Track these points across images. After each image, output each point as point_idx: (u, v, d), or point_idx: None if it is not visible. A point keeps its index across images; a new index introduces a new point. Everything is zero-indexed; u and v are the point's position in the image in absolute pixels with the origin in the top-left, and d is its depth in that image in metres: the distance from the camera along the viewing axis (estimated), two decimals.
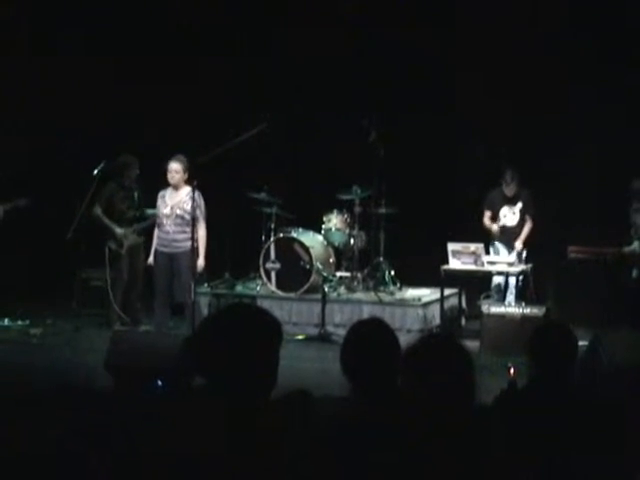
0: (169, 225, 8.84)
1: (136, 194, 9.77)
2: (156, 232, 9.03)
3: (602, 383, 6.23)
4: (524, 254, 9.80)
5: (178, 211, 8.81)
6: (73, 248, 9.49)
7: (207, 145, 8.73)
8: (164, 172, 8.89)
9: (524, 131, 10.28)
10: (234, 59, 11.22)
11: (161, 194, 9.00)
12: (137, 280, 9.77)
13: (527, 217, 9.88)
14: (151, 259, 9.06)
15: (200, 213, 8.77)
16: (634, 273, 9.34)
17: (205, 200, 8.86)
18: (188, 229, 8.62)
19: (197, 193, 8.59)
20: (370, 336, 3.35)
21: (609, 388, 5.87)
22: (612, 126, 10.04)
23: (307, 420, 2.82)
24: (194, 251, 8.55)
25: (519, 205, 9.87)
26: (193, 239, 8.52)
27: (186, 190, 8.81)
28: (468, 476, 2.74)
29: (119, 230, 9.65)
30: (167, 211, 8.85)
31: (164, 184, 8.99)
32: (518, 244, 9.84)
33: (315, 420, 2.88)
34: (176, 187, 8.87)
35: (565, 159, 10.20)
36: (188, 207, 8.70)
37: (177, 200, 8.85)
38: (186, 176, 8.84)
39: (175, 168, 8.82)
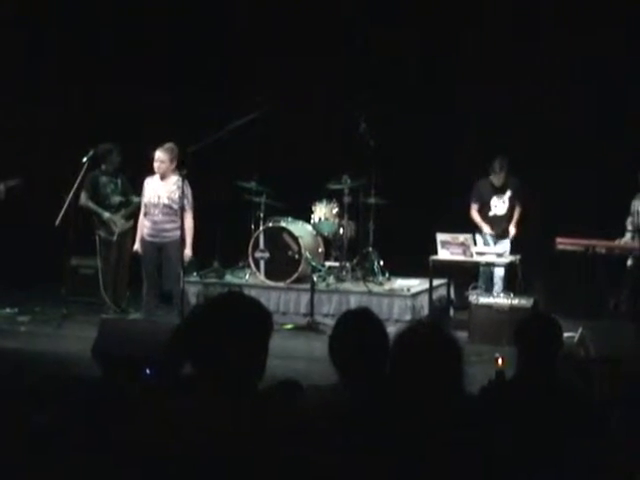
0: (157, 215, 8.73)
1: (120, 180, 9.78)
2: (142, 220, 8.89)
3: (589, 374, 6.26)
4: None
5: (166, 200, 8.69)
6: (62, 235, 9.45)
7: (198, 133, 8.69)
8: (151, 159, 8.74)
9: (515, 122, 10.27)
10: (226, 48, 11.18)
11: (147, 181, 8.85)
12: (124, 267, 9.76)
13: (517, 203, 9.91)
14: (137, 246, 8.93)
15: (187, 203, 8.67)
16: (629, 262, 9.35)
17: (194, 189, 8.78)
18: (176, 218, 8.57)
19: (185, 182, 8.54)
20: (358, 326, 3.37)
21: (596, 380, 5.89)
22: (606, 119, 10.06)
23: (295, 409, 2.83)
24: (183, 240, 8.53)
25: (508, 194, 9.88)
26: (182, 228, 8.51)
27: (173, 179, 8.69)
28: (455, 464, 2.75)
29: (107, 214, 9.65)
30: (154, 200, 8.73)
31: (152, 171, 8.89)
32: (512, 228, 9.88)
33: (303, 409, 2.89)
34: (162, 176, 8.75)
35: (556, 151, 10.21)
36: (176, 196, 8.60)
37: (164, 189, 8.72)
38: (174, 165, 8.71)
39: (161, 158, 8.65)
